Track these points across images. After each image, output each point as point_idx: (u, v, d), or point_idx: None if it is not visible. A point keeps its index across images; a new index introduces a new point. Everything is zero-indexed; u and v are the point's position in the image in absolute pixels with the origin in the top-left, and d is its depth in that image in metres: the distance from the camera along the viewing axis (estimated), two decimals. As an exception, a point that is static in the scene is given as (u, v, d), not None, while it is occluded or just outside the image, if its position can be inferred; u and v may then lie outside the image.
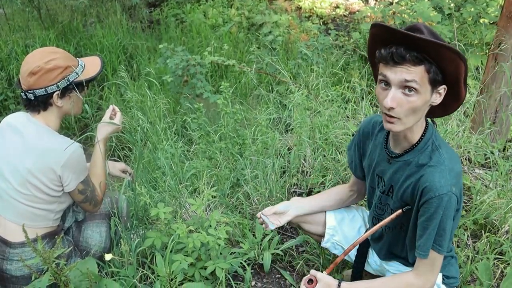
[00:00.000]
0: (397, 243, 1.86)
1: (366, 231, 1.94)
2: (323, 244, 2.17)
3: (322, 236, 2.18)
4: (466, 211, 2.72)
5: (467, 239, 2.52)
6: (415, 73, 1.50)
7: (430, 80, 1.53)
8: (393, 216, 1.75)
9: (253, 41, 6.17)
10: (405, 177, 1.69)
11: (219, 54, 5.31)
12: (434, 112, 1.68)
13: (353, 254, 2.12)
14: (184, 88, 4.77)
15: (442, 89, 1.58)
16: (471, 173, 3.07)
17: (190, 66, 4.69)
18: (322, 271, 1.84)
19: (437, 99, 1.59)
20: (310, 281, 1.80)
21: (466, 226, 2.60)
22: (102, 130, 2.25)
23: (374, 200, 1.90)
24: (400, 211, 1.73)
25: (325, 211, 2.15)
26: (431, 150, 1.64)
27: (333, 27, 6.89)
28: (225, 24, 6.72)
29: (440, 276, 1.81)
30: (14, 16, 7.09)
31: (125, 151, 3.99)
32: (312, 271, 1.81)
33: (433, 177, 1.58)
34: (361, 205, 2.59)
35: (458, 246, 2.47)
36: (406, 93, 1.53)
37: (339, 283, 1.76)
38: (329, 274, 1.82)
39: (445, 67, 1.53)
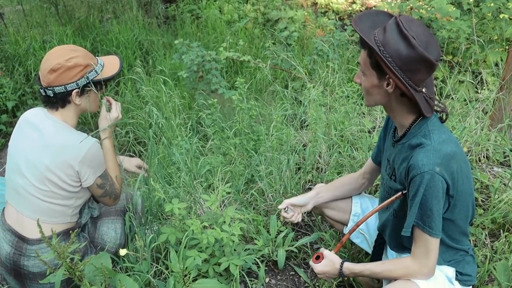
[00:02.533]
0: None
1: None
2: (346, 231, 2.23)
3: (345, 224, 2.24)
4: (484, 209, 2.68)
5: (485, 238, 2.48)
6: (361, 57, 1.70)
7: (372, 64, 1.65)
8: (393, 197, 1.80)
9: (268, 36, 6.15)
10: (402, 160, 1.75)
11: (235, 50, 5.29)
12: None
13: (371, 245, 2.15)
14: (199, 84, 4.76)
15: (393, 76, 1.62)
16: (489, 171, 3.01)
17: (205, 62, 4.68)
18: (331, 250, 1.96)
19: (388, 86, 1.66)
20: (318, 257, 1.95)
21: (484, 225, 2.56)
22: (103, 125, 2.25)
23: (383, 184, 1.97)
24: (400, 193, 1.77)
25: (351, 197, 2.24)
26: (423, 134, 1.69)
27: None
28: (241, 20, 6.69)
29: (453, 271, 1.82)
30: (32, 12, 7.15)
31: (140, 146, 4.01)
32: (322, 249, 1.96)
33: (417, 156, 1.63)
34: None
35: (476, 245, 2.43)
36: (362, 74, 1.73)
37: (343, 262, 1.88)
38: (337, 253, 1.95)
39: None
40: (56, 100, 2.09)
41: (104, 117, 2.25)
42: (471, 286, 1.88)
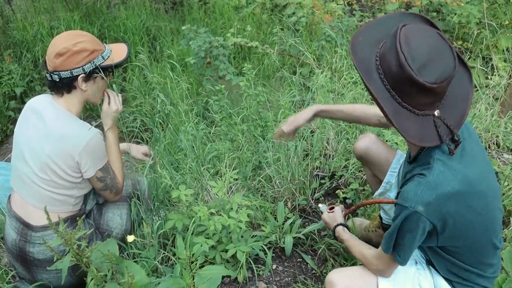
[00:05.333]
0: None
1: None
2: (376, 194, 2.12)
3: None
4: (493, 197, 2.65)
5: (494, 226, 2.46)
6: None
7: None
8: (390, 200, 1.74)
9: (276, 22, 6.08)
10: (406, 180, 1.65)
11: (242, 36, 5.25)
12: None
13: None
14: (207, 70, 4.74)
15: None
16: (499, 158, 2.98)
17: (213, 48, 4.65)
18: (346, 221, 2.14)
19: None
20: (332, 208, 2.18)
21: (493, 213, 2.53)
22: (106, 119, 2.24)
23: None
24: (394, 200, 1.66)
25: (395, 156, 2.09)
26: (427, 162, 1.54)
27: (358, 8, 6.74)
28: (249, 5, 6.62)
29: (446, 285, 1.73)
30: (39, -2, 7.13)
31: (147, 133, 4.01)
32: (340, 205, 2.17)
33: (408, 186, 1.53)
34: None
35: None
36: None
37: (338, 224, 2.06)
38: (346, 216, 2.14)
39: None
40: (62, 85, 2.08)
41: (105, 111, 2.24)
42: None
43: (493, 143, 3.10)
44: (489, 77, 4.04)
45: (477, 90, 3.61)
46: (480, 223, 1.58)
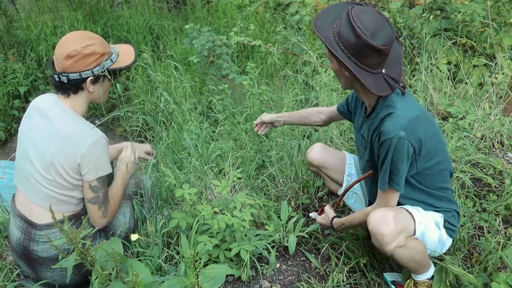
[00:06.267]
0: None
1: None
2: (340, 192, 2.42)
3: (340, 184, 2.49)
4: (497, 196, 2.65)
5: (499, 225, 2.46)
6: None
7: (329, 51, 1.87)
8: (366, 174, 2.09)
9: (279, 21, 6.09)
10: (373, 130, 1.98)
11: (245, 35, 5.25)
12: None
13: (367, 204, 2.38)
14: (210, 68, 4.75)
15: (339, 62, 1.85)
16: (503, 157, 2.97)
17: (216, 47, 4.66)
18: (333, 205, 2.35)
19: (345, 71, 1.89)
20: (322, 210, 2.35)
21: (498, 212, 2.53)
22: (120, 164, 2.33)
23: (361, 158, 2.20)
24: (370, 171, 2.06)
25: (346, 158, 2.46)
26: (388, 105, 1.91)
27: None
28: (252, 4, 6.63)
29: (440, 216, 2.04)
30: (43, -3, 7.15)
31: (151, 132, 4.01)
32: (327, 205, 2.38)
33: (385, 124, 1.87)
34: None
35: (489, 232, 2.41)
36: None
37: (333, 217, 2.27)
38: (336, 210, 2.33)
39: None
40: (70, 87, 2.08)
41: (122, 158, 2.34)
42: (452, 239, 2.10)
43: (497, 142, 3.09)
44: (493, 75, 4.03)
45: (481, 88, 3.59)
46: (439, 145, 1.96)
